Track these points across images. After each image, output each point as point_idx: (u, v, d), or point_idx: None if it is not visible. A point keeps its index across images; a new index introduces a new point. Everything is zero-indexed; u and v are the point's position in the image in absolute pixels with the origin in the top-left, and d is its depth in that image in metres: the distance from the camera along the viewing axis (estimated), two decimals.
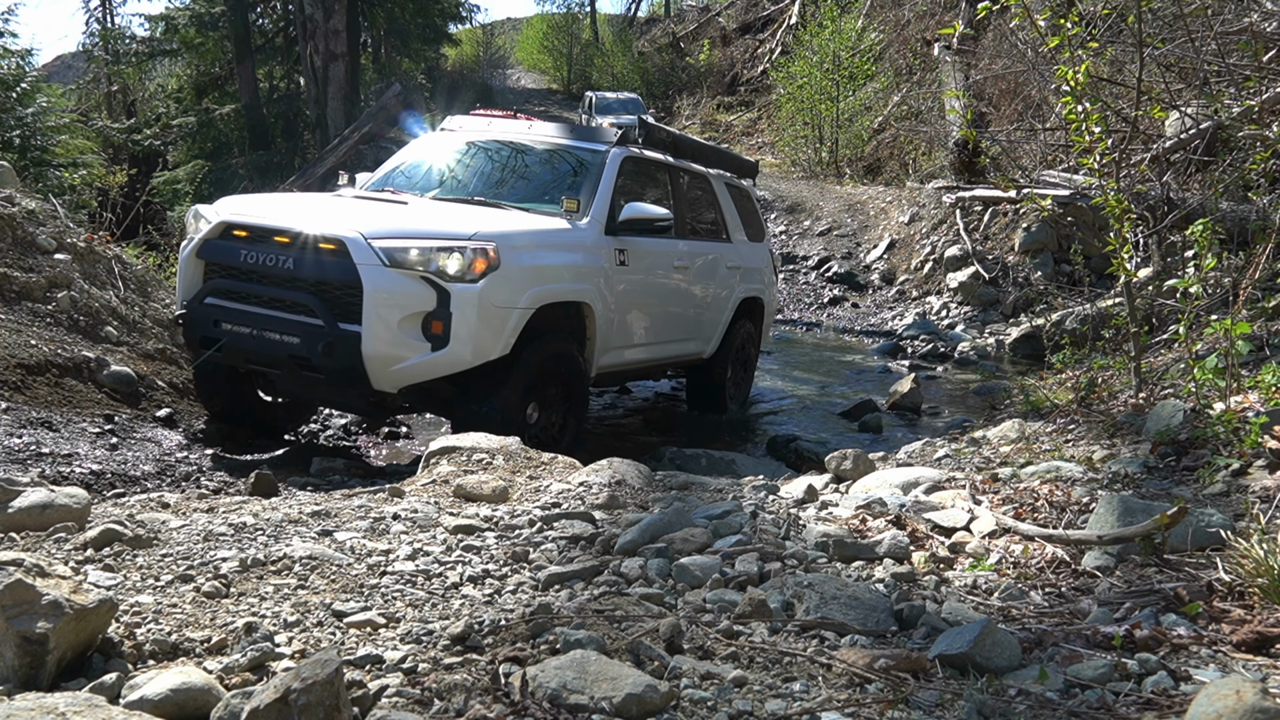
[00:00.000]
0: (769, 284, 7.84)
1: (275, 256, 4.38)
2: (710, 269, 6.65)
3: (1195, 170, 8.94)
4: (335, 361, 4.25)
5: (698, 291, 6.48)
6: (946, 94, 14.93)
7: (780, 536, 2.70)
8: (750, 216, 7.74)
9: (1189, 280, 3.95)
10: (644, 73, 33.04)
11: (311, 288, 4.36)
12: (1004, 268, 11.99)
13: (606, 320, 5.26)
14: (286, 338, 4.34)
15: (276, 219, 4.54)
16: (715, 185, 7.08)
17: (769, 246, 8.13)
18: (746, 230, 7.43)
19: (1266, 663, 1.78)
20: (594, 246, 5.20)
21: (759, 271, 7.52)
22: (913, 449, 4.96)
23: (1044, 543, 2.58)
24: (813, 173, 19.77)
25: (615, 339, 5.45)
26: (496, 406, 4.49)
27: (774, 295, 8.12)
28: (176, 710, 1.46)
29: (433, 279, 4.26)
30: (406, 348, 4.27)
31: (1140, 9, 4.95)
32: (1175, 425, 3.63)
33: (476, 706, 1.50)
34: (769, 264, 7.92)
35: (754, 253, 7.45)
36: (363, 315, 4.19)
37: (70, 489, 2.53)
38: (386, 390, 4.45)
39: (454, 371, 4.40)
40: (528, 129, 6.09)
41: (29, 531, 2.35)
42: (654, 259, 5.86)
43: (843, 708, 1.56)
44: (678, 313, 6.23)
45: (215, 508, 2.80)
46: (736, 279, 6.96)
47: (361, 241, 4.23)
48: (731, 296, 6.86)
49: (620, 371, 5.93)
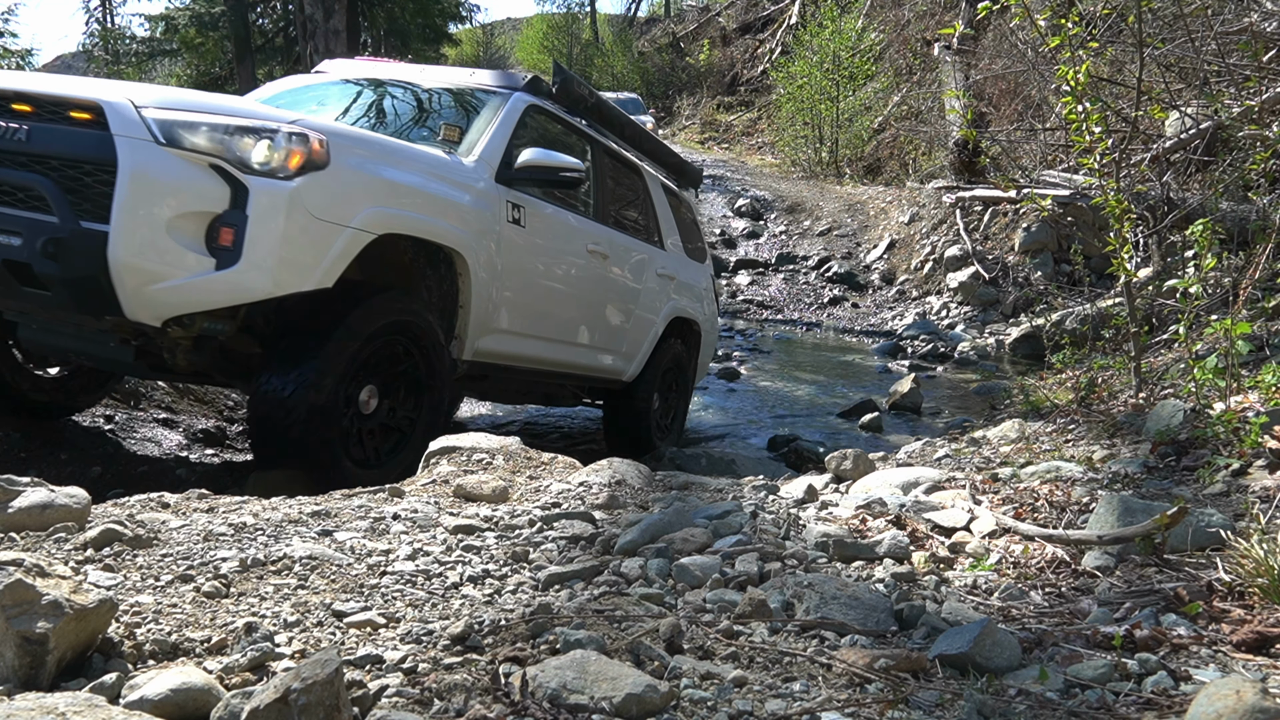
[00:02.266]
0: (709, 312, 6.94)
1: (6, 127, 3.15)
2: (636, 269, 5.70)
3: (1195, 170, 8.94)
4: (65, 269, 3.02)
5: (618, 291, 5.45)
6: (946, 94, 14.93)
7: (780, 536, 2.70)
8: (691, 231, 6.95)
9: (1189, 280, 3.95)
10: (644, 73, 33.06)
11: (48, 168, 3.11)
12: (1004, 268, 11.99)
13: (487, 287, 4.13)
14: (7, 238, 3.09)
15: (20, 80, 3.38)
16: (649, 182, 6.20)
17: (711, 271, 7.29)
18: (685, 244, 6.66)
19: (1266, 663, 1.78)
20: (477, 188, 4.11)
21: (697, 291, 6.66)
22: (913, 449, 4.96)
23: (1044, 543, 2.58)
24: (813, 173, 19.78)
25: (501, 318, 4.33)
26: (303, 382, 3.27)
27: (715, 327, 7.21)
28: (176, 710, 1.46)
29: (227, 169, 3.11)
30: (175, 260, 3.06)
31: (1140, 9, 4.95)
32: (1175, 425, 3.63)
33: (476, 706, 1.50)
34: (710, 289, 7.07)
35: (692, 270, 6.67)
36: (113, 207, 3.00)
37: (70, 489, 2.53)
38: (146, 322, 3.18)
39: (242, 302, 3.24)
40: (419, 72, 5.12)
41: (29, 531, 2.35)
42: (561, 231, 4.82)
43: (843, 708, 1.56)
44: (592, 310, 5.20)
45: (215, 508, 2.80)
46: (670, 290, 6.10)
47: (127, 108, 3.09)
48: (662, 309, 5.98)
49: (509, 368, 4.64)
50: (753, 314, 12.81)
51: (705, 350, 6.96)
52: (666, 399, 6.31)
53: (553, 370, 5.02)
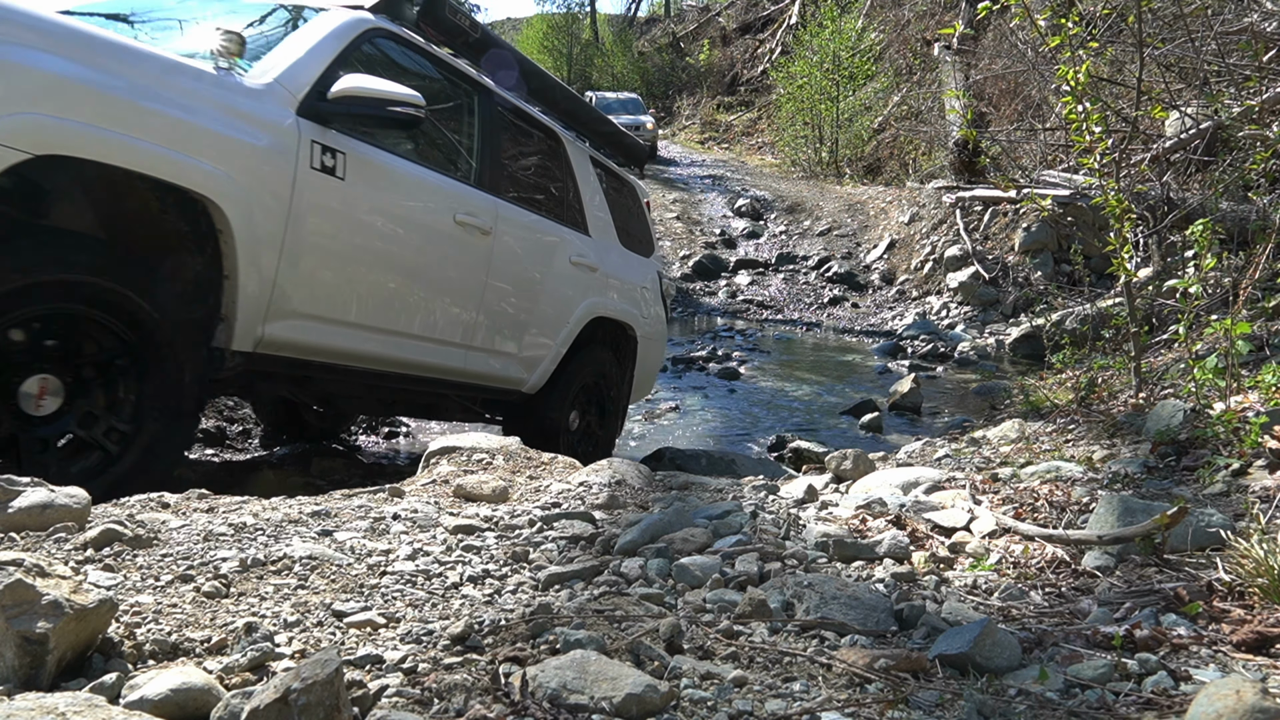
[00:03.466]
0: (653, 314, 5.94)
1: None
2: (538, 254, 4.66)
3: (1195, 170, 8.94)
4: None
5: (509, 278, 4.43)
6: (946, 94, 14.93)
7: (780, 536, 2.70)
8: (632, 219, 6.02)
9: (1189, 280, 3.96)
10: (644, 73, 33.08)
11: None
12: (1004, 268, 11.99)
13: (269, 254, 3.13)
14: None
15: None
16: (570, 152, 5.19)
17: (660, 269, 6.27)
18: (622, 233, 5.70)
19: (1266, 663, 1.78)
20: (258, 118, 3.10)
21: (634, 289, 5.69)
22: (913, 449, 4.96)
23: (1044, 543, 2.58)
24: (813, 173, 19.78)
25: (302, 299, 3.34)
26: None
27: (661, 333, 6.09)
28: (176, 710, 1.46)
29: None
30: None
31: (1140, 9, 4.95)
32: (1175, 425, 3.63)
33: (476, 706, 1.50)
34: (656, 288, 6.04)
35: (629, 264, 5.72)
36: None
37: (70, 489, 2.53)
38: None
39: None
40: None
41: (29, 531, 2.35)
42: (409, 192, 3.77)
43: (843, 708, 1.56)
44: (465, 299, 4.16)
45: (215, 508, 2.80)
46: (591, 284, 5.11)
47: None
48: (577, 305, 4.96)
49: (337, 368, 3.65)
50: (753, 314, 12.81)
51: (647, 361, 5.91)
52: (588, 418, 5.34)
53: (413, 375, 4.02)
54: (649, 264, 6.11)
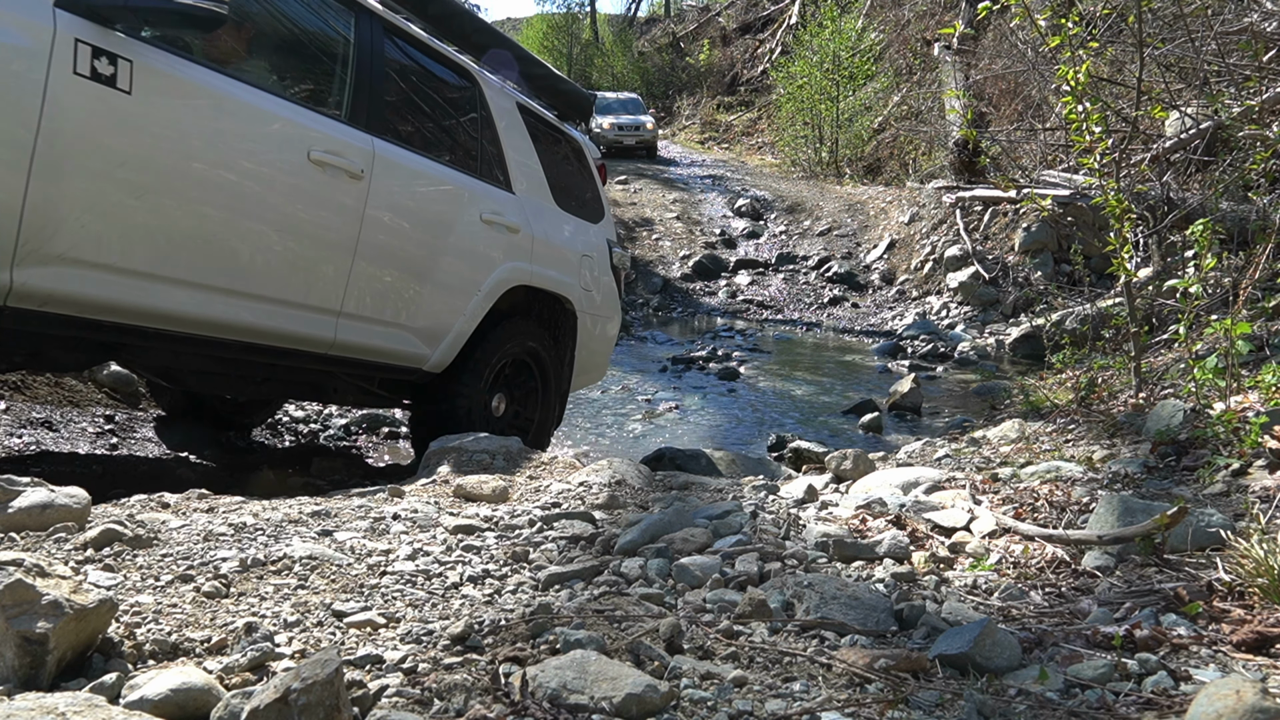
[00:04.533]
0: (601, 287, 5.34)
1: None
2: (435, 207, 4.07)
3: (1195, 170, 8.94)
4: None
5: (393, 234, 3.83)
6: (946, 94, 14.93)
7: (780, 536, 2.70)
8: (575, 179, 5.38)
9: (1189, 280, 3.96)
10: (644, 73, 33.08)
11: None
12: (1004, 268, 11.99)
13: (20, 174, 2.62)
14: None
15: None
16: (489, 96, 4.55)
17: (611, 239, 5.63)
18: (559, 193, 5.05)
19: (1266, 663, 1.78)
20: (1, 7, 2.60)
21: (570, 257, 5.03)
22: (913, 449, 4.96)
23: (1044, 543, 2.58)
24: (813, 173, 19.79)
25: (81, 239, 2.79)
26: None
27: (611, 309, 5.53)
28: (176, 710, 1.46)
29: None
30: None
31: (1140, 9, 4.95)
32: (1175, 425, 3.63)
33: (476, 706, 1.50)
34: (604, 260, 5.42)
35: (567, 229, 5.07)
36: None
37: (70, 489, 2.53)
38: None
39: None
40: None
41: (29, 531, 2.35)
42: (234, 116, 3.15)
43: (843, 708, 1.56)
44: (330, 255, 3.56)
45: (215, 508, 2.80)
46: (511, 247, 4.48)
47: None
48: (492, 271, 4.35)
49: (137, 330, 3.07)
50: (753, 314, 12.82)
51: (591, 341, 5.28)
52: (516, 404, 4.77)
53: (266, 346, 3.45)
54: (595, 230, 5.37)
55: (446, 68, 4.33)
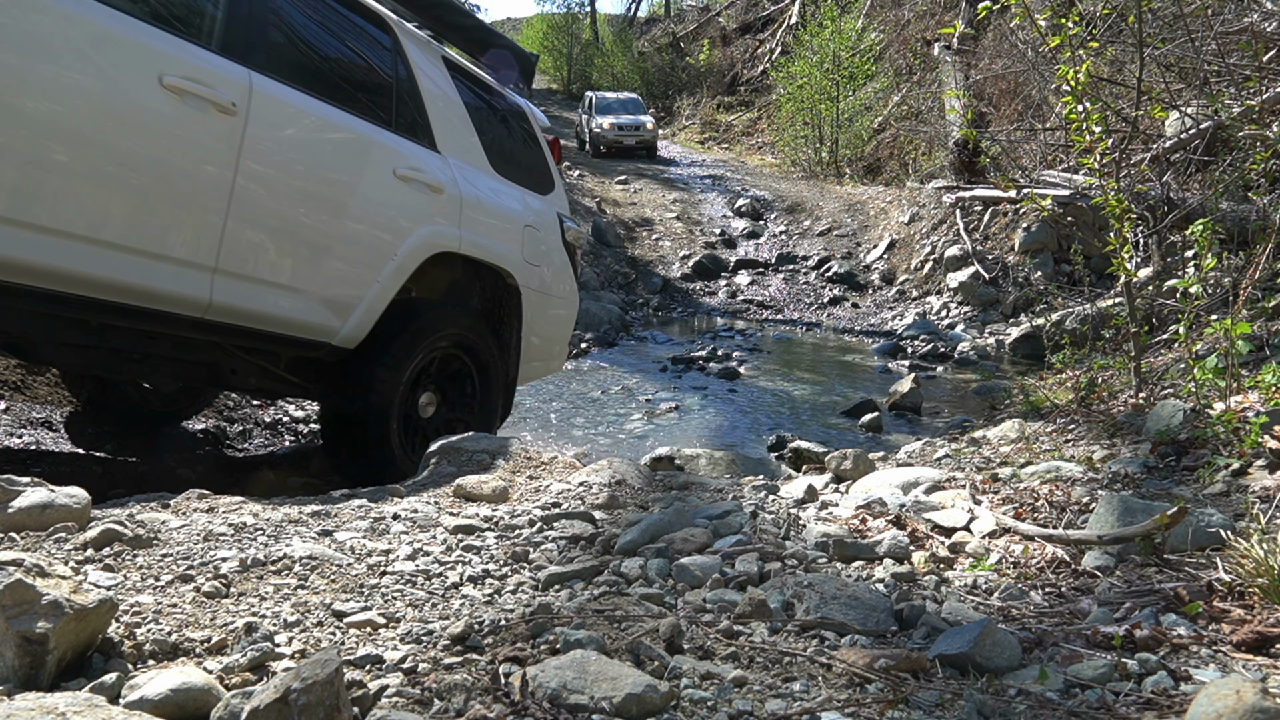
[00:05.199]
0: (545, 263, 4.88)
1: None
2: (333, 155, 3.70)
3: (1195, 170, 8.94)
4: None
5: (279, 182, 3.45)
6: (946, 94, 14.94)
7: (780, 536, 2.70)
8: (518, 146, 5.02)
9: (1189, 280, 3.96)
10: (644, 73, 33.09)
11: None
12: (1004, 268, 11.99)
13: None
14: None
15: None
16: (407, 46, 4.24)
17: (562, 214, 5.23)
18: (498, 158, 4.68)
19: (1266, 663, 1.78)
20: None
21: (512, 228, 4.62)
22: (913, 449, 4.96)
23: (1044, 543, 2.58)
24: (813, 173, 19.79)
25: None
26: None
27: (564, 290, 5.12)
28: (176, 710, 1.46)
29: None
30: None
31: (1140, 9, 4.95)
32: (1175, 425, 3.63)
33: (476, 706, 1.50)
34: (554, 235, 5.01)
35: (507, 196, 4.69)
36: None
37: (70, 489, 2.53)
38: None
39: None
40: None
41: (29, 531, 2.35)
42: (61, 28, 2.76)
43: (843, 708, 1.56)
44: (202, 201, 3.16)
45: (215, 508, 2.80)
46: (434, 210, 4.10)
47: None
48: (408, 232, 3.99)
49: None
50: (753, 314, 12.82)
51: (542, 323, 4.87)
52: (450, 408, 4.35)
53: (124, 306, 3.03)
54: (544, 202, 5.01)
55: (355, 12, 3.98)
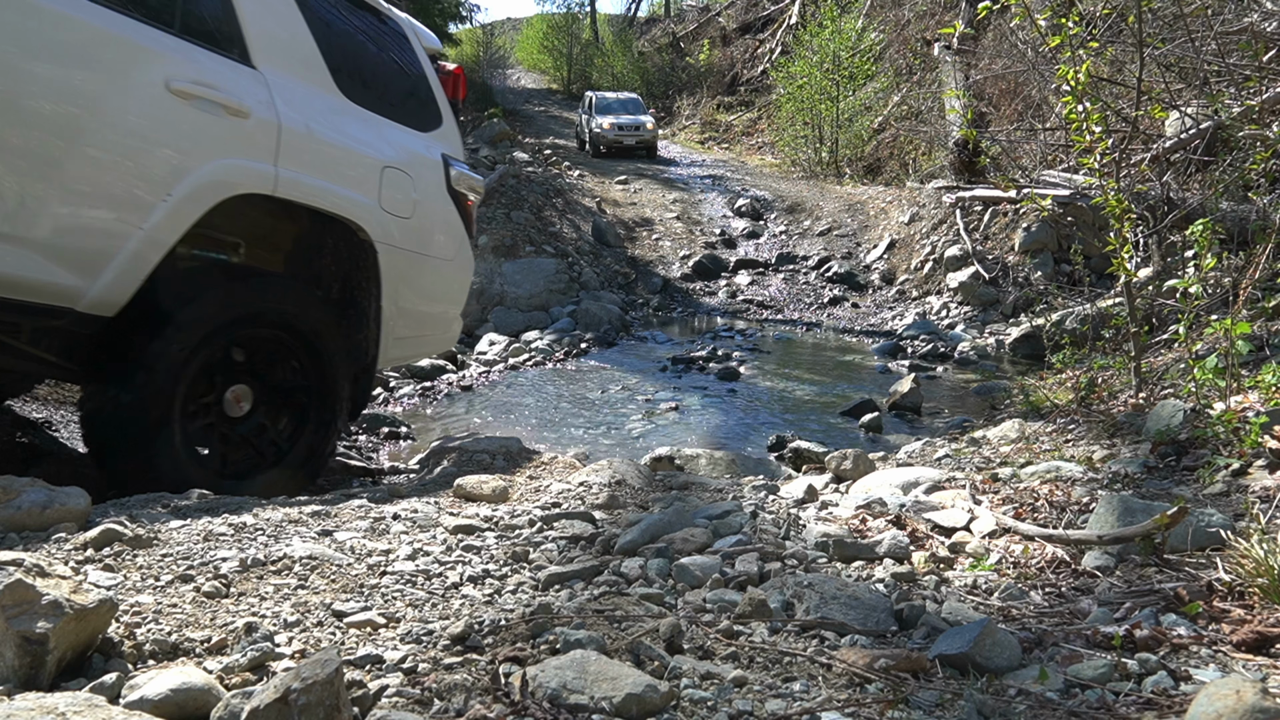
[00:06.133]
0: (426, 218, 4.09)
1: None
2: (66, 55, 2.86)
3: (1195, 170, 8.94)
4: None
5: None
6: (946, 94, 14.93)
7: (780, 536, 2.70)
8: (389, 71, 4.18)
9: (1189, 280, 3.95)
10: (644, 73, 33.06)
11: None
12: (1004, 268, 11.99)
13: None
14: None
15: None
16: None
17: (452, 156, 4.36)
18: (349, 80, 3.85)
19: (1266, 663, 1.78)
20: None
21: (367, 169, 3.80)
22: (913, 449, 4.96)
23: (1044, 543, 2.58)
24: (813, 173, 19.78)
25: None
26: None
27: (447, 248, 4.26)
28: (176, 710, 1.46)
29: None
30: None
31: (1140, 9, 4.95)
32: (1175, 425, 3.63)
33: (476, 706, 1.50)
34: (436, 182, 4.18)
35: (362, 129, 3.85)
36: None
37: (70, 489, 2.53)
38: None
39: None
40: None
41: (29, 531, 2.35)
42: None
43: (843, 708, 1.55)
44: None
45: (215, 508, 2.80)
46: (235, 139, 3.27)
47: None
48: (190, 167, 3.13)
49: None
50: (753, 314, 12.82)
51: (414, 291, 4.06)
52: (272, 387, 3.61)
53: None
54: (422, 141, 4.17)
55: None
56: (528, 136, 23.20)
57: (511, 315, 11.07)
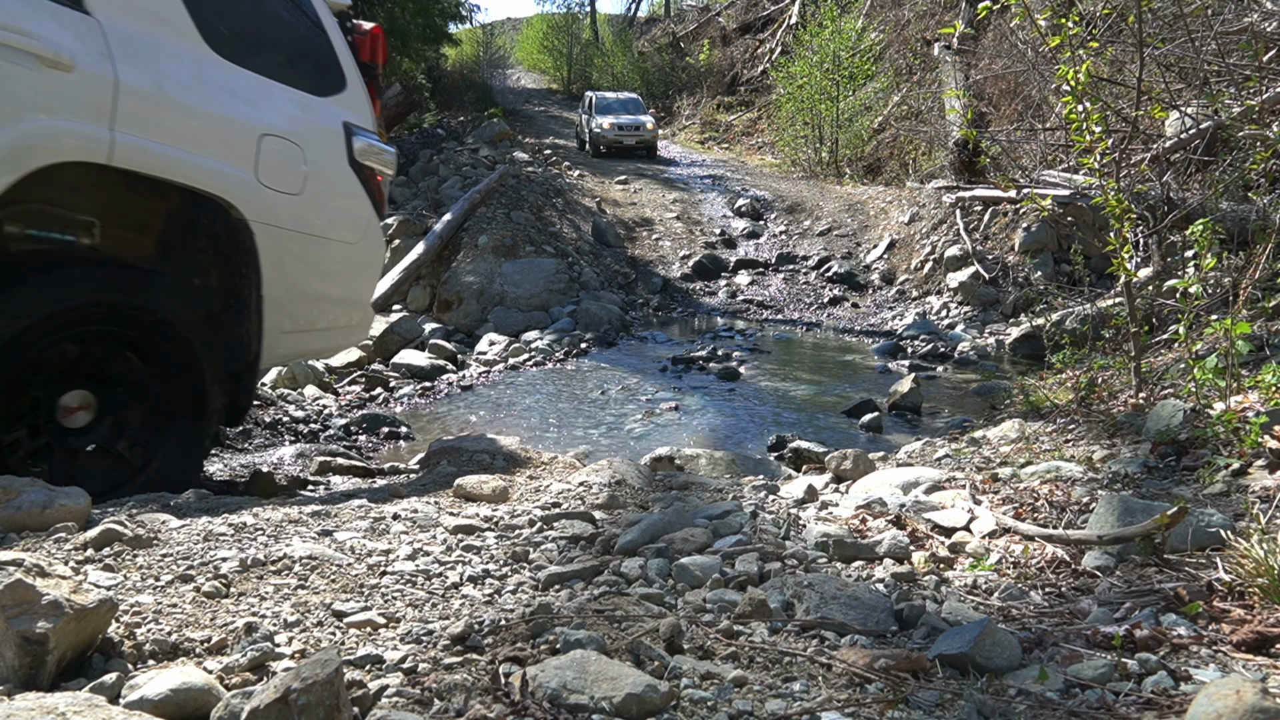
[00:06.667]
0: (320, 193, 3.63)
1: None
2: None
3: (1195, 170, 8.94)
4: None
5: None
6: (946, 94, 14.93)
7: (780, 536, 2.70)
8: (275, 23, 3.72)
9: (1189, 280, 3.95)
10: (644, 73, 33.05)
11: None
12: (1004, 268, 11.99)
13: None
14: None
15: None
16: None
17: (358, 125, 3.83)
18: (223, 36, 3.38)
19: (1266, 663, 1.78)
20: None
21: (241, 141, 3.34)
22: (913, 449, 4.96)
23: (1044, 543, 2.58)
24: (813, 173, 19.78)
25: None
26: None
27: (346, 229, 3.79)
28: (176, 710, 1.47)
29: None
30: None
31: (1140, 9, 4.95)
32: (1175, 425, 3.63)
33: (476, 706, 1.50)
34: (334, 154, 3.71)
35: (236, 92, 3.37)
36: None
37: (70, 489, 2.53)
38: None
39: None
40: None
41: (29, 531, 2.35)
42: None
43: (843, 708, 1.55)
44: None
45: (215, 508, 2.80)
46: (50, 94, 2.83)
47: None
48: None
49: None
50: (753, 314, 12.81)
51: (303, 276, 3.59)
52: (122, 393, 3.20)
53: None
54: (318, 106, 3.68)
55: None
56: (528, 136, 23.20)
57: (511, 315, 11.07)
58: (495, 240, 12.31)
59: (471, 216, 12.90)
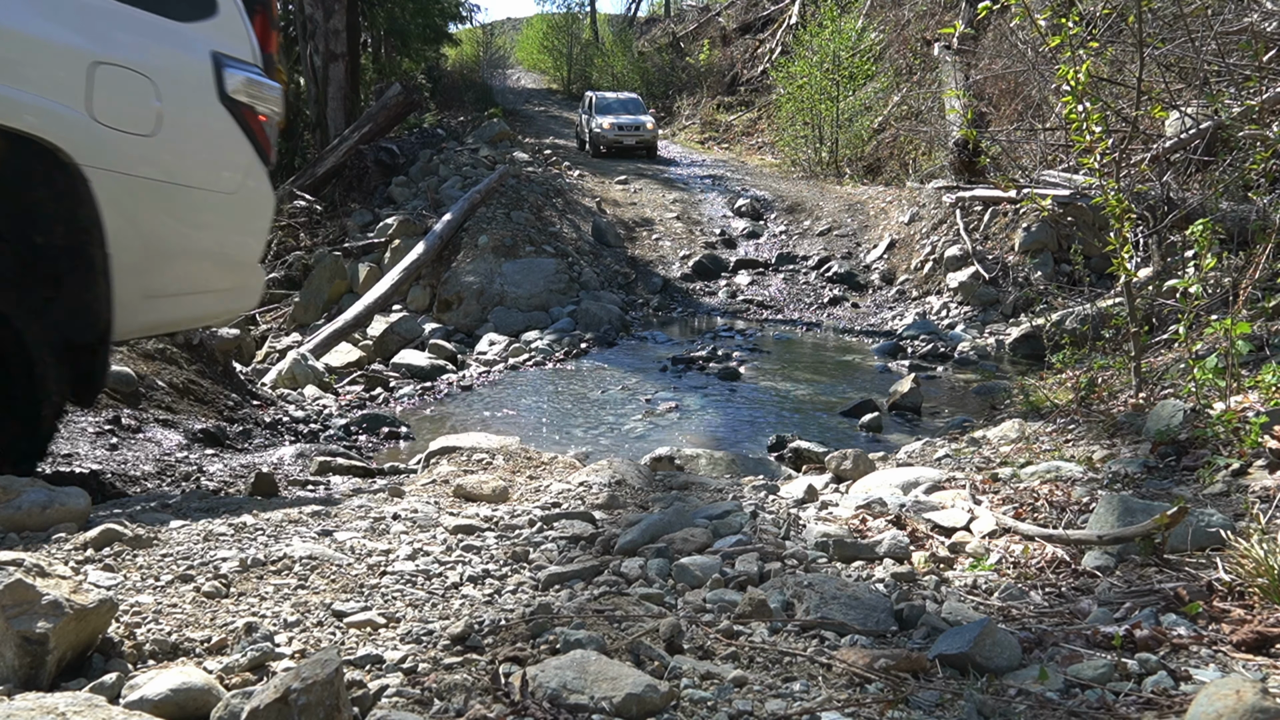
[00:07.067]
0: (179, 134, 3.08)
1: None
2: None
3: (1195, 170, 8.94)
4: None
5: None
6: (946, 94, 14.93)
7: (780, 536, 2.70)
8: None
9: (1189, 280, 3.95)
10: (644, 73, 33.05)
11: None
12: (1004, 268, 11.98)
13: None
14: None
15: None
16: None
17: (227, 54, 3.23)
18: None
19: (1266, 663, 1.78)
20: None
21: (67, 72, 2.76)
22: (913, 449, 4.96)
23: (1044, 543, 2.58)
24: (813, 173, 19.78)
25: None
26: None
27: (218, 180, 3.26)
28: (176, 710, 1.46)
29: None
30: None
31: (1140, 9, 4.95)
32: (1175, 425, 3.63)
33: (476, 706, 1.50)
34: (199, 87, 3.15)
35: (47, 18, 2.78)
36: None
37: (70, 489, 2.53)
38: None
39: None
40: None
41: (29, 531, 2.35)
42: None
43: (843, 708, 1.55)
44: None
45: (215, 508, 2.80)
46: None
47: None
48: None
49: None
50: (753, 314, 12.81)
51: (164, 232, 3.10)
52: None
53: None
54: (171, 31, 3.13)
55: None
56: (528, 136, 23.19)
57: (511, 315, 11.06)
58: (495, 240, 12.31)
59: (471, 216, 12.90)
